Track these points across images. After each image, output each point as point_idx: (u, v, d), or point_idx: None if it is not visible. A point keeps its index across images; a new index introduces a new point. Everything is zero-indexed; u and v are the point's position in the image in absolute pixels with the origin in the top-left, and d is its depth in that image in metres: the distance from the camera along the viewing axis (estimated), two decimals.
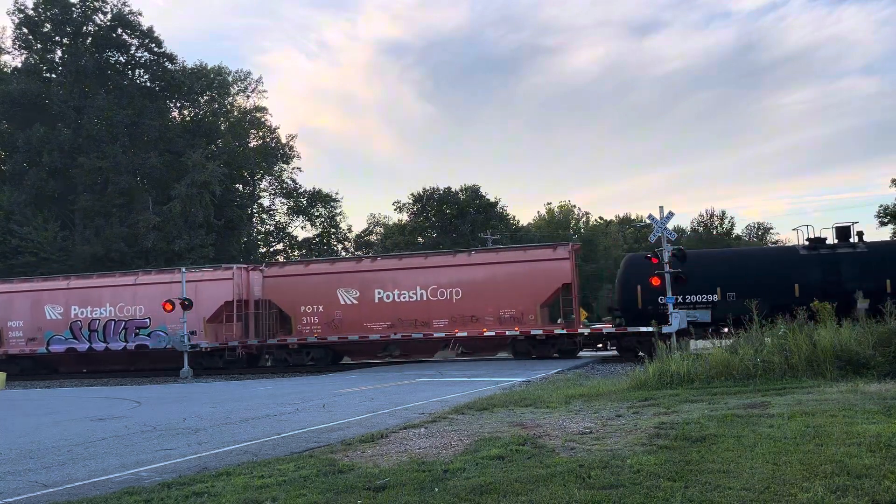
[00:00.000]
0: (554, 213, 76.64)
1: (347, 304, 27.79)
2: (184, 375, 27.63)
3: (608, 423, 9.73)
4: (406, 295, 27.29)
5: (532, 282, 26.09)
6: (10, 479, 8.23)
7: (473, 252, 29.24)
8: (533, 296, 25.94)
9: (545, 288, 26.03)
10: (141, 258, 41.58)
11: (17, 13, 45.99)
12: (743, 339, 15.17)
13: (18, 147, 43.28)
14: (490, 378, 19.51)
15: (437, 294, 26.92)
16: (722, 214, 74.37)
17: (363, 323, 27.47)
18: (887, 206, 48.48)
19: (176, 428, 11.99)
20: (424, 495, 6.26)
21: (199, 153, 44.40)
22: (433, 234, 57.13)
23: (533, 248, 28.70)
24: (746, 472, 6.45)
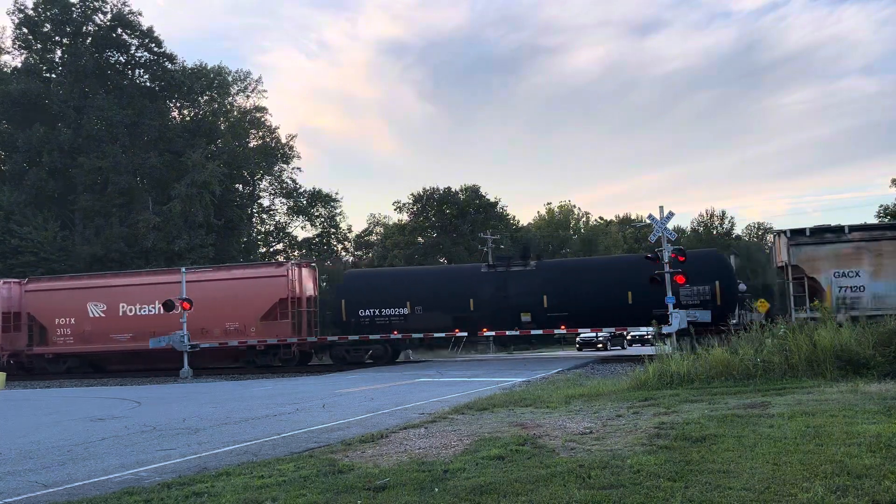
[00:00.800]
0: (554, 213, 76.64)
1: (95, 317, 30.17)
2: (184, 375, 27.62)
3: (608, 423, 9.73)
4: (146, 308, 29.86)
5: (252, 297, 29.13)
6: (9, 479, 8.22)
7: (208, 269, 32.05)
8: (254, 310, 28.95)
9: (264, 303, 28.99)
10: (141, 258, 41.56)
11: (17, 13, 46.04)
12: (743, 340, 15.17)
13: (18, 147, 43.27)
14: (490, 378, 19.51)
15: None
16: (722, 214, 74.38)
17: (110, 335, 29.84)
18: (887, 206, 48.51)
19: (176, 428, 11.99)
20: (424, 495, 6.25)
21: (199, 153, 44.38)
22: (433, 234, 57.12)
23: (255, 266, 31.64)
24: (747, 472, 6.45)
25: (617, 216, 79.24)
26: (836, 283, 23.68)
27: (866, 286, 23.32)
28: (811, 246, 24.30)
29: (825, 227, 25.02)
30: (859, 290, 23.40)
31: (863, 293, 23.33)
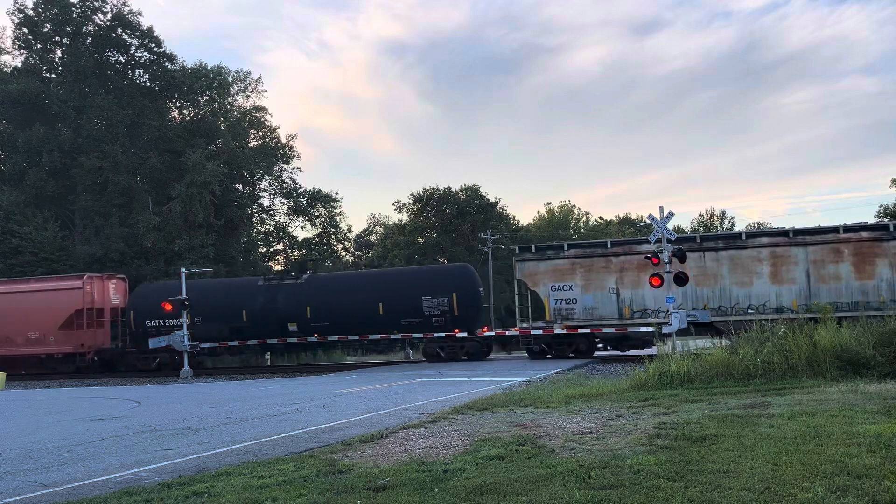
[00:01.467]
0: (554, 213, 76.68)
1: None
2: (184, 375, 27.64)
3: (608, 424, 9.73)
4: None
5: (50, 308, 30.70)
6: (9, 479, 8.23)
7: (7, 281, 33.39)
8: (52, 320, 30.55)
9: (61, 313, 30.55)
10: (141, 258, 41.56)
11: (17, 13, 46.01)
12: (743, 340, 15.18)
13: (18, 147, 43.25)
14: (490, 378, 19.52)
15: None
16: (722, 214, 74.52)
17: None
18: (887, 206, 48.48)
19: (176, 428, 11.99)
20: (424, 495, 6.26)
21: (199, 153, 44.33)
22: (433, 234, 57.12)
23: (52, 279, 32.92)
24: (746, 472, 6.45)
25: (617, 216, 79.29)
26: (553, 295, 26.31)
27: (578, 299, 26.04)
28: (533, 262, 26.85)
29: (548, 246, 28.30)
30: (573, 302, 26.06)
31: (576, 305, 26.07)
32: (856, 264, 23.88)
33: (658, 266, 21.46)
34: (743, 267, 24.78)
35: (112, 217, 43.83)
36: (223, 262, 43.77)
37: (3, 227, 40.13)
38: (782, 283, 24.38)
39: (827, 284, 24.14)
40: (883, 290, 23.48)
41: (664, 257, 21.26)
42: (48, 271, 37.94)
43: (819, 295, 24.10)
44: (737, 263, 24.95)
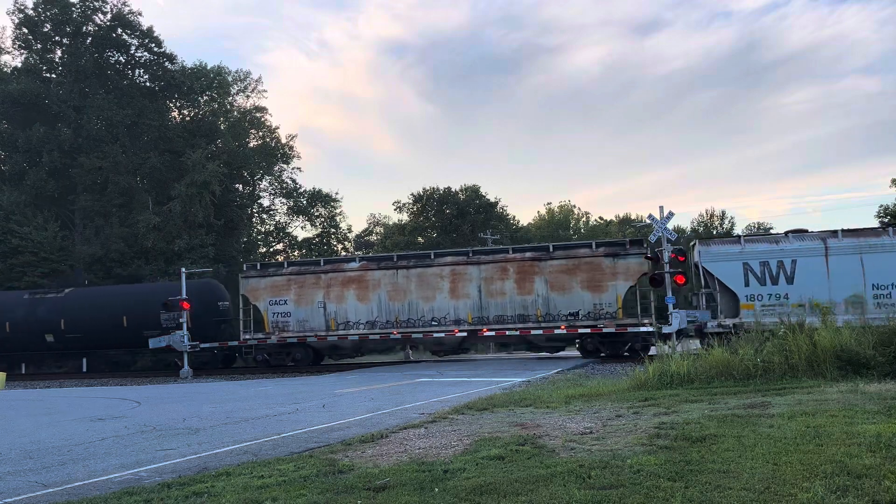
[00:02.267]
0: (554, 213, 76.69)
1: None
2: (184, 375, 27.65)
3: (608, 424, 9.73)
4: None
5: None
6: (10, 479, 8.22)
7: None
8: None
9: None
10: (141, 258, 41.56)
11: (17, 13, 46.01)
12: (743, 339, 15.19)
13: (18, 147, 43.25)
14: (490, 378, 19.52)
15: None
16: (722, 214, 74.39)
17: None
18: (887, 206, 48.43)
19: (176, 428, 11.99)
20: (424, 495, 6.26)
21: (199, 153, 44.31)
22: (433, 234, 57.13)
23: None
24: (746, 472, 6.45)
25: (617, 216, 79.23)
26: (271, 309, 29.14)
27: (292, 312, 28.91)
28: (255, 278, 29.69)
29: (269, 264, 31.45)
30: (287, 315, 28.98)
31: (290, 318, 29.00)
32: (518, 281, 27.04)
33: (658, 266, 21.46)
34: (428, 284, 27.64)
35: (112, 217, 43.84)
36: (223, 262, 43.75)
37: (3, 227, 40.12)
38: (459, 298, 27.28)
39: (495, 299, 27.29)
40: (539, 304, 26.78)
41: (664, 257, 21.27)
42: (48, 271, 37.96)
43: (489, 308, 27.35)
44: (423, 280, 27.81)
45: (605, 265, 26.26)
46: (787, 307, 23.03)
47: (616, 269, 26.15)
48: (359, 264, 29.16)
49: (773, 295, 24.55)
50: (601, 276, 26.23)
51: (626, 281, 25.98)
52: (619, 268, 26.12)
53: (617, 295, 25.91)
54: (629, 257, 26.01)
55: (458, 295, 27.19)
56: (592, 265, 26.40)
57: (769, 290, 24.59)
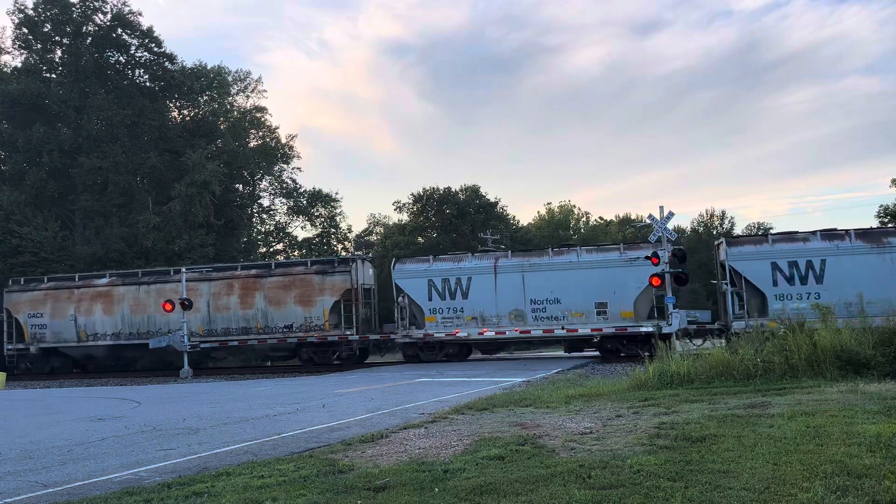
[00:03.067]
0: (554, 213, 76.62)
1: None
2: (184, 375, 27.66)
3: (608, 423, 9.73)
4: None
5: None
6: (10, 479, 8.23)
7: None
8: None
9: None
10: (141, 258, 41.54)
11: (17, 13, 45.98)
12: (743, 339, 15.18)
13: (18, 147, 43.21)
14: (490, 378, 19.51)
15: None
16: (722, 214, 74.26)
17: None
18: (887, 206, 48.43)
19: (176, 428, 11.99)
20: (424, 495, 6.26)
21: (199, 153, 44.28)
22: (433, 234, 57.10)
23: None
24: (746, 472, 6.45)
25: (617, 216, 79.19)
26: (30, 322, 31.87)
27: (48, 324, 31.73)
28: (17, 293, 32.50)
29: (31, 279, 33.52)
30: (44, 327, 31.84)
31: (46, 329, 31.76)
32: (242, 297, 29.71)
33: (657, 266, 21.45)
34: (165, 299, 28.99)
35: (112, 217, 43.83)
36: (223, 262, 43.74)
37: (3, 227, 40.09)
38: (191, 313, 28.54)
39: (221, 313, 29.80)
40: (259, 317, 29.35)
41: (663, 257, 21.26)
42: (48, 271, 37.95)
43: (216, 322, 29.83)
44: (161, 295, 29.88)
45: (315, 282, 29.06)
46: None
47: (324, 285, 28.92)
48: (107, 280, 31.97)
49: None
50: (311, 292, 28.96)
51: (331, 296, 28.68)
52: (327, 284, 28.89)
53: (324, 309, 28.67)
54: (336, 275, 28.78)
55: (191, 309, 28.53)
56: (305, 282, 29.18)
57: None
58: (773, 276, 24.31)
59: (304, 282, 29.13)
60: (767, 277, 24.32)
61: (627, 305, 25.50)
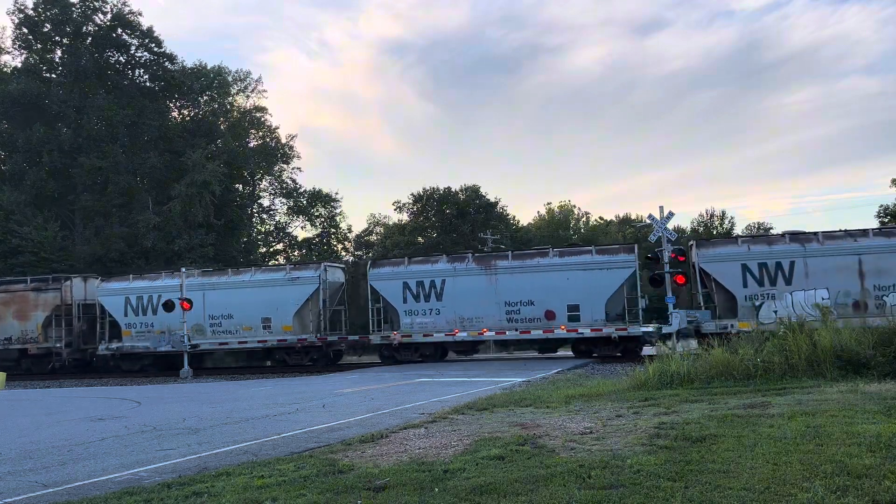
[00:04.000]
0: (554, 213, 76.62)
1: None
2: (184, 375, 27.66)
3: (608, 423, 9.73)
4: None
5: None
6: (10, 479, 8.23)
7: None
8: None
9: None
10: (141, 258, 41.56)
11: (17, 13, 46.01)
12: (743, 339, 15.18)
13: (18, 147, 43.24)
14: (490, 378, 19.51)
15: None
16: (722, 214, 74.23)
17: None
18: (887, 206, 48.41)
19: (176, 428, 11.99)
20: (424, 495, 6.26)
21: (199, 153, 44.30)
22: (433, 234, 57.10)
23: None
24: (746, 472, 6.45)
25: (617, 216, 79.09)
26: None
27: None
28: None
29: None
30: None
31: None
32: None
33: (658, 266, 21.45)
34: None
35: (112, 217, 43.87)
36: (223, 262, 43.75)
37: (3, 227, 40.12)
38: None
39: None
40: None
41: (664, 257, 21.25)
42: (49, 271, 37.96)
43: None
44: None
45: (30, 298, 31.72)
46: None
47: (38, 301, 31.57)
48: None
49: None
50: (27, 308, 31.68)
51: (44, 311, 31.38)
52: (41, 301, 31.56)
53: (37, 323, 31.45)
54: (49, 292, 31.59)
55: None
56: (23, 298, 31.79)
57: None
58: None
59: (23, 298, 31.84)
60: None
61: (288, 320, 28.89)
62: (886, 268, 23.80)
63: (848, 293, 23.92)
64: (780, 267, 24.50)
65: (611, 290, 25.80)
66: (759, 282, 24.64)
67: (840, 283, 23.93)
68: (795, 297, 23.97)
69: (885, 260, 23.86)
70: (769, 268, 24.62)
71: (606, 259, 26.24)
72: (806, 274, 24.19)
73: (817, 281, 24.07)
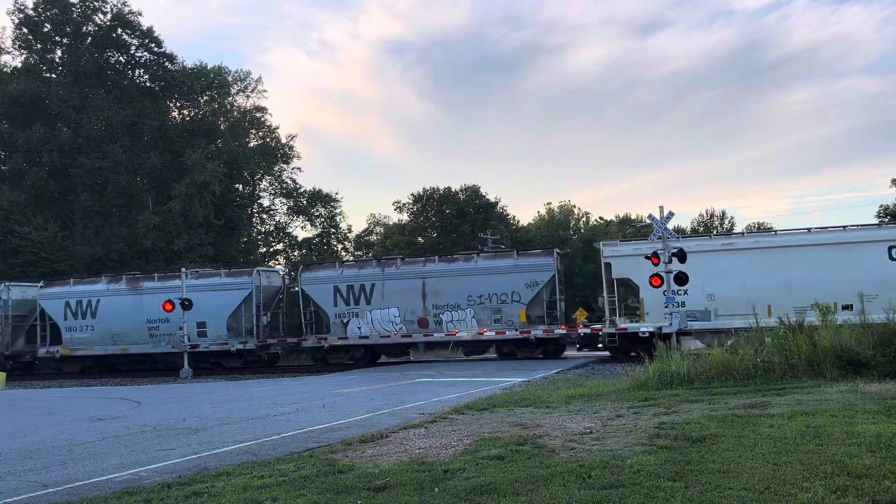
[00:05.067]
0: (554, 213, 76.57)
1: None
2: (184, 375, 27.66)
3: (608, 423, 9.73)
4: None
5: None
6: (10, 479, 8.23)
7: None
8: None
9: None
10: (141, 258, 41.55)
11: (17, 13, 45.98)
12: (743, 339, 15.18)
13: (18, 147, 43.22)
14: (490, 378, 19.51)
15: None
16: (722, 214, 74.28)
17: None
18: (887, 206, 48.43)
19: (176, 428, 11.99)
20: (424, 495, 6.26)
21: (199, 153, 44.28)
22: (433, 234, 57.09)
23: None
24: (746, 472, 6.45)
25: (617, 216, 79.01)
26: None
27: None
28: None
29: None
30: None
31: None
32: None
33: (658, 266, 21.44)
34: None
35: (112, 217, 43.86)
36: (223, 262, 43.76)
37: (3, 227, 40.10)
38: None
39: None
40: None
41: (664, 257, 21.24)
42: (48, 271, 37.95)
43: None
44: None
45: None
46: None
47: None
48: None
49: None
50: None
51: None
52: None
53: None
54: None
55: None
56: None
57: None
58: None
59: None
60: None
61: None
62: (443, 290, 27.41)
63: (413, 311, 27.61)
64: (363, 289, 28.22)
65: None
66: (346, 301, 28.28)
67: (408, 303, 27.63)
68: (374, 314, 27.85)
69: (443, 283, 27.46)
70: (355, 290, 28.38)
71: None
72: (383, 295, 27.89)
73: (391, 301, 27.77)
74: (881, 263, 23.00)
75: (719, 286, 24.35)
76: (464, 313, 27.31)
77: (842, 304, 21.14)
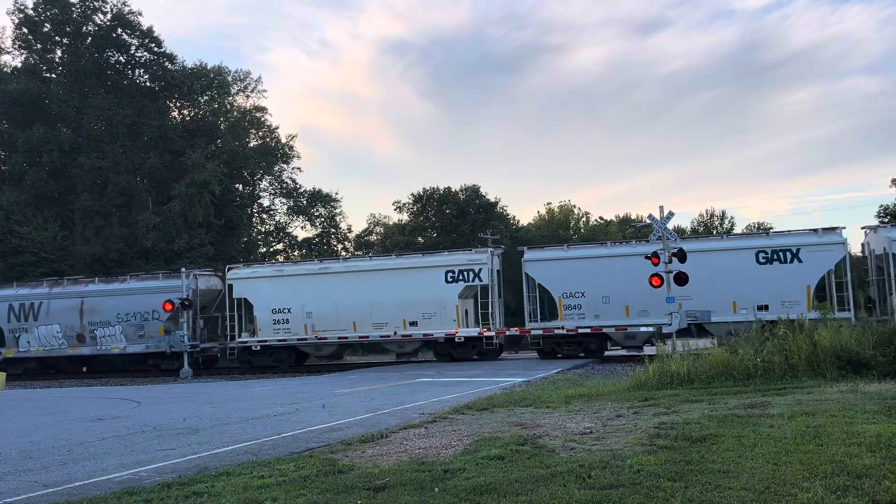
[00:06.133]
0: (554, 213, 76.54)
1: None
2: (184, 375, 27.66)
3: (608, 423, 9.73)
4: None
5: None
6: (10, 479, 8.23)
7: None
8: None
9: None
10: (141, 258, 41.53)
11: (17, 13, 45.95)
12: (743, 339, 15.18)
13: (18, 147, 43.19)
14: (490, 378, 19.51)
15: None
16: (722, 214, 74.20)
17: None
18: (887, 206, 48.38)
19: (176, 428, 11.99)
20: (424, 495, 6.26)
21: (199, 153, 44.24)
22: (433, 234, 57.07)
23: None
24: (747, 472, 6.45)
25: (617, 216, 78.99)
26: None
27: None
28: None
29: None
30: None
31: None
32: None
33: (658, 266, 21.44)
34: None
35: (112, 217, 43.82)
36: (223, 262, 43.74)
37: (3, 227, 40.08)
38: None
39: None
40: None
41: (664, 257, 21.24)
42: (48, 271, 37.94)
43: None
44: None
45: None
46: None
47: None
48: None
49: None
50: None
51: None
52: None
53: None
54: None
55: None
56: None
57: None
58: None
59: None
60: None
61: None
62: (98, 308, 30.64)
63: (73, 328, 30.82)
64: (32, 308, 31.38)
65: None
66: (17, 318, 31.42)
67: (68, 320, 30.89)
68: (40, 330, 31.08)
69: (99, 302, 30.73)
70: (26, 308, 31.49)
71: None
72: (48, 313, 31.14)
73: (55, 318, 30.97)
74: (438, 286, 27.68)
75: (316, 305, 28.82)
76: (114, 329, 30.62)
77: (409, 320, 27.77)
